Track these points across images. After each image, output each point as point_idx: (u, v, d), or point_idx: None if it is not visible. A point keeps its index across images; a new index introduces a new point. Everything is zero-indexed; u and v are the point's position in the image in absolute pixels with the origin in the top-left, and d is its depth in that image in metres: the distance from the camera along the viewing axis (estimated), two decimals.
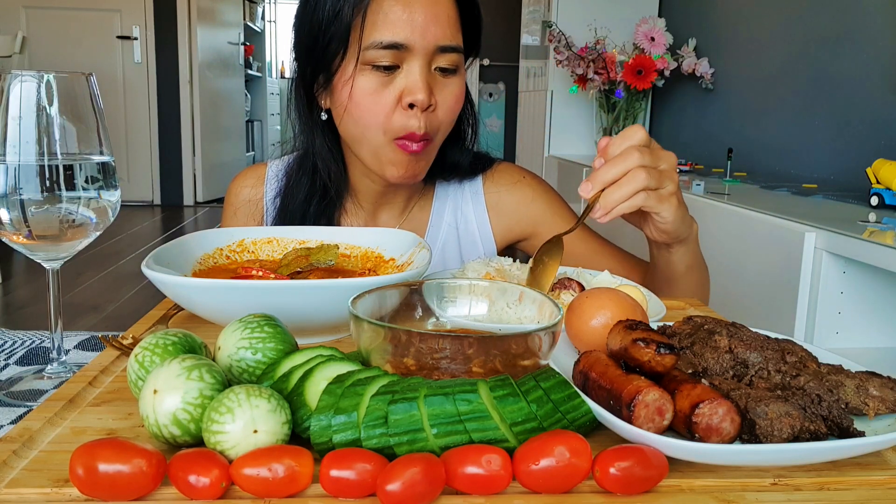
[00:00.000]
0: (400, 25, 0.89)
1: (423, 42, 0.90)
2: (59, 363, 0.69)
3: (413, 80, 0.91)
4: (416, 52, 0.90)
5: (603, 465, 0.43)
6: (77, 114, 0.64)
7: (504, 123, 5.78)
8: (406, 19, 0.89)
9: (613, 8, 3.25)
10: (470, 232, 1.11)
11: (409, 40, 0.90)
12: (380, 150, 0.94)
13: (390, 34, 0.89)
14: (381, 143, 0.94)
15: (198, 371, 0.48)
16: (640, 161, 0.76)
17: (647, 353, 0.49)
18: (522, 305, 0.62)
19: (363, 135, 0.94)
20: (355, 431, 0.45)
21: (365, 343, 0.53)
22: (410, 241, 0.82)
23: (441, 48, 0.92)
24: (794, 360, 0.55)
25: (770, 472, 0.47)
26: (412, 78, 0.91)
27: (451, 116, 0.96)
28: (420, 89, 0.90)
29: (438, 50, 0.91)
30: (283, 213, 1.06)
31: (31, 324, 2.98)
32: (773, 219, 1.53)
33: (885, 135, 1.95)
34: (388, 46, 0.90)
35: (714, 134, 2.90)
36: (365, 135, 0.94)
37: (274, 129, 8.50)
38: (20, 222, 0.62)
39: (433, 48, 0.91)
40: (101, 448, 0.43)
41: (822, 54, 2.23)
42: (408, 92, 0.91)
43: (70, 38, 5.72)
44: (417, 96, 0.90)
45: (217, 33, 6.37)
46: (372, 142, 0.94)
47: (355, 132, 0.95)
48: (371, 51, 0.90)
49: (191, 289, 0.65)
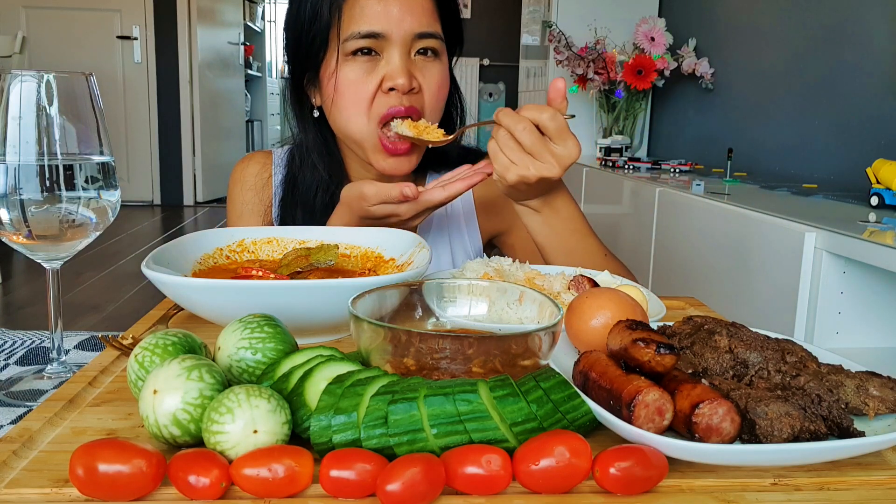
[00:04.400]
0: (376, 17, 0.94)
1: (399, 31, 0.94)
2: (59, 363, 0.69)
3: (393, 66, 0.95)
4: (394, 40, 0.94)
5: (603, 465, 0.43)
6: (77, 114, 0.64)
7: None
8: (381, 11, 0.94)
9: (613, 8, 3.25)
10: (457, 222, 1.14)
11: (386, 30, 0.94)
12: (364, 139, 0.98)
13: (367, 25, 0.94)
14: (368, 131, 0.97)
15: (198, 371, 0.48)
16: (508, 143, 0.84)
17: (647, 353, 0.49)
18: (523, 306, 0.62)
19: (349, 124, 0.98)
20: (355, 431, 0.45)
21: (365, 343, 0.53)
22: (410, 240, 0.82)
23: (418, 35, 0.96)
24: (794, 360, 0.55)
25: (770, 472, 0.47)
26: (392, 65, 0.95)
27: (437, 100, 1.00)
28: (400, 73, 0.94)
29: (416, 37, 0.96)
30: (293, 200, 1.07)
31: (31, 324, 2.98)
32: (773, 219, 1.53)
33: (885, 135, 1.95)
34: (367, 35, 0.94)
35: (714, 134, 2.90)
36: (350, 124, 0.98)
37: (274, 129, 8.50)
38: (20, 222, 0.62)
39: (410, 35, 0.95)
40: (101, 448, 0.43)
41: (822, 54, 2.23)
42: (388, 77, 0.95)
43: (70, 38, 5.72)
44: (398, 80, 0.94)
45: (217, 33, 6.36)
46: (358, 131, 0.98)
47: (342, 123, 0.99)
48: (350, 41, 0.95)
49: (191, 289, 0.65)
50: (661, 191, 2.11)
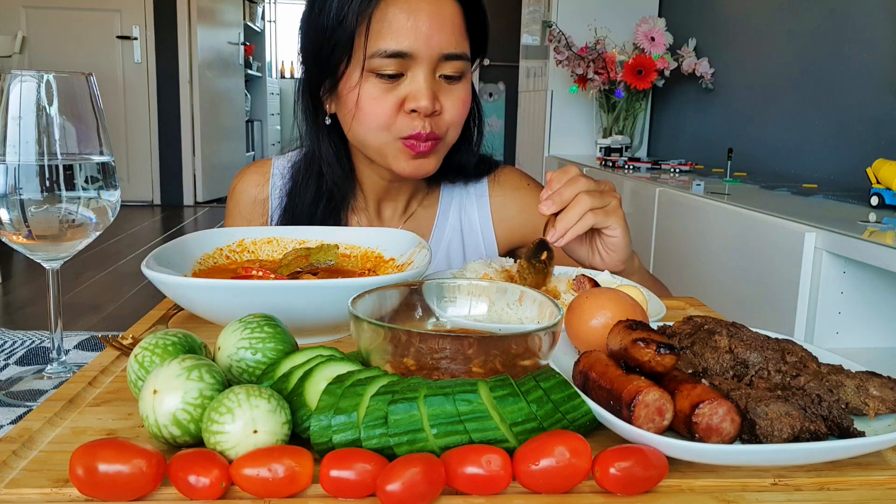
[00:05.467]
0: (404, 34, 0.90)
1: (427, 50, 0.90)
2: (59, 363, 0.69)
3: (417, 87, 0.91)
4: (421, 60, 0.91)
5: (603, 465, 0.43)
6: (77, 114, 0.64)
7: (504, 123, 5.79)
8: (410, 27, 0.90)
9: (613, 8, 3.25)
10: (474, 234, 1.12)
11: (414, 48, 0.90)
12: (385, 147, 0.95)
13: (395, 43, 0.90)
14: (386, 141, 0.94)
15: (198, 371, 0.48)
16: (585, 186, 0.84)
17: (647, 353, 0.49)
18: (523, 306, 0.62)
19: (369, 138, 0.95)
20: (355, 431, 0.45)
21: (365, 343, 0.53)
22: (410, 241, 0.82)
23: (446, 56, 0.92)
24: (794, 360, 0.55)
25: (770, 472, 0.47)
26: (416, 85, 0.91)
27: (459, 120, 0.97)
28: (424, 96, 0.91)
29: (443, 58, 0.92)
30: (291, 213, 1.06)
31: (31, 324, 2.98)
32: (773, 219, 1.53)
33: (885, 135, 1.95)
34: (393, 55, 0.90)
35: (714, 134, 2.90)
36: (369, 138, 0.95)
37: (274, 129, 8.50)
38: (20, 222, 0.62)
39: (437, 56, 0.91)
40: (101, 448, 0.43)
41: (822, 54, 2.23)
42: (411, 98, 0.91)
43: (70, 38, 5.71)
44: (421, 103, 0.91)
45: (217, 33, 6.36)
46: (377, 142, 0.95)
47: (361, 136, 0.96)
48: (376, 59, 0.91)
49: (191, 289, 0.65)
50: (661, 191, 2.11)
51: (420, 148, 0.93)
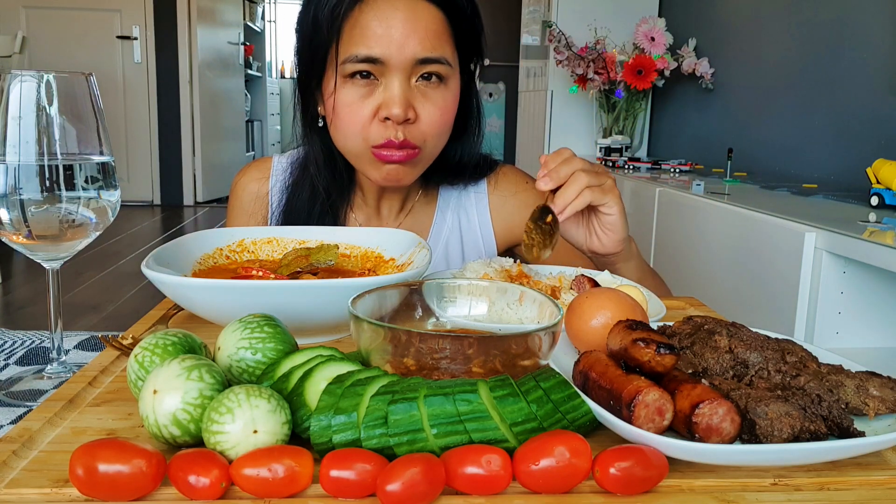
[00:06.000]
0: (375, 40, 0.90)
1: (400, 56, 0.90)
2: (59, 363, 0.69)
3: (390, 94, 0.91)
4: (394, 66, 0.90)
5: (603, 465, 0.43)
6: (77, 114, 0.64)
7: (504, 123, 5.79)
8: (382, 34, 0.89)
9: (613, 8, 3.25)
10: (472, 233, 1.12)
11: (386, 55, 0.90)
12: (361, 154, 0.95)
13: (366, 48, 0.90)
14: (361, 149, 0.95)
15: (198, 371, 0.48)
16: (580, 165, 0.85)
17: (647, 353, 0.49)
18: (523, 306, 0.62)
19: (347, 144, 0.96)
20: (355, 431, 0.45)
21: (365, 343, 0.53)
22: (410, 240, 0.82)
23: (420, 60, 0.91)
24: (794, 360, 0.55)
25: (770, 472, 0.47)
26: (389, 92, 0.91)
27: (438, 128, 0.95)
28: (396, 104, 0.90)
29: (418, 62, 0.91)
30: (289, 210, 1.06)
31: (31, 324, 2.97)
32: (773, 219, 1.53)
33: (885, 135, 1.95)
34: (364, 60, 0.90)
35: (714, 134, 2.90)
36: (347, 144, 0.96)
37: (274, 129, 8.49)
38: (20, 222, 0.62)
39: (411, 62, 0.91)
40: (100, 448, 0.43)
41: (822, 54, 2.23)
42: (384, 106, 0.91)
43: (70, 38, 5.71)
44: (393, 110, 0.90)
45: (217, 33, 6.36)
46: (354, 149, 0.96)
47: (340, 142, 0.97)
48: (348, 64, 0.91)
49: (191, 289, 0.65)
50: (661, 191, 2.11)
51: (393, 157, 0.93)
